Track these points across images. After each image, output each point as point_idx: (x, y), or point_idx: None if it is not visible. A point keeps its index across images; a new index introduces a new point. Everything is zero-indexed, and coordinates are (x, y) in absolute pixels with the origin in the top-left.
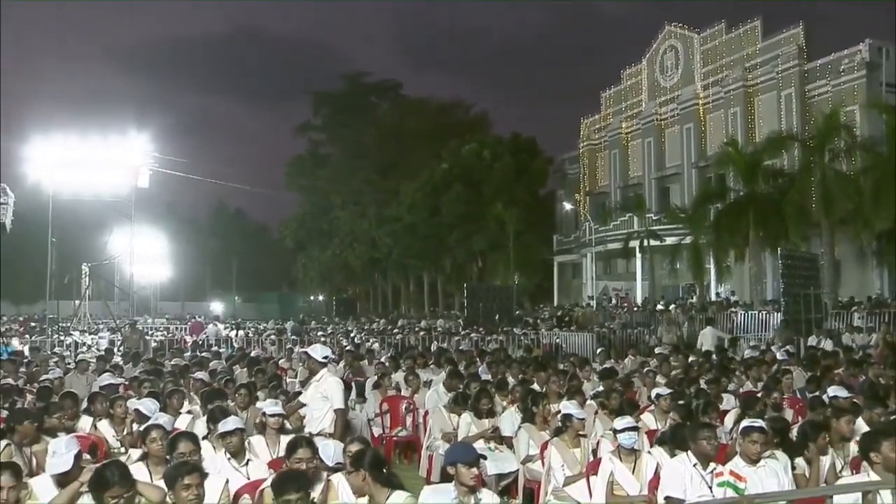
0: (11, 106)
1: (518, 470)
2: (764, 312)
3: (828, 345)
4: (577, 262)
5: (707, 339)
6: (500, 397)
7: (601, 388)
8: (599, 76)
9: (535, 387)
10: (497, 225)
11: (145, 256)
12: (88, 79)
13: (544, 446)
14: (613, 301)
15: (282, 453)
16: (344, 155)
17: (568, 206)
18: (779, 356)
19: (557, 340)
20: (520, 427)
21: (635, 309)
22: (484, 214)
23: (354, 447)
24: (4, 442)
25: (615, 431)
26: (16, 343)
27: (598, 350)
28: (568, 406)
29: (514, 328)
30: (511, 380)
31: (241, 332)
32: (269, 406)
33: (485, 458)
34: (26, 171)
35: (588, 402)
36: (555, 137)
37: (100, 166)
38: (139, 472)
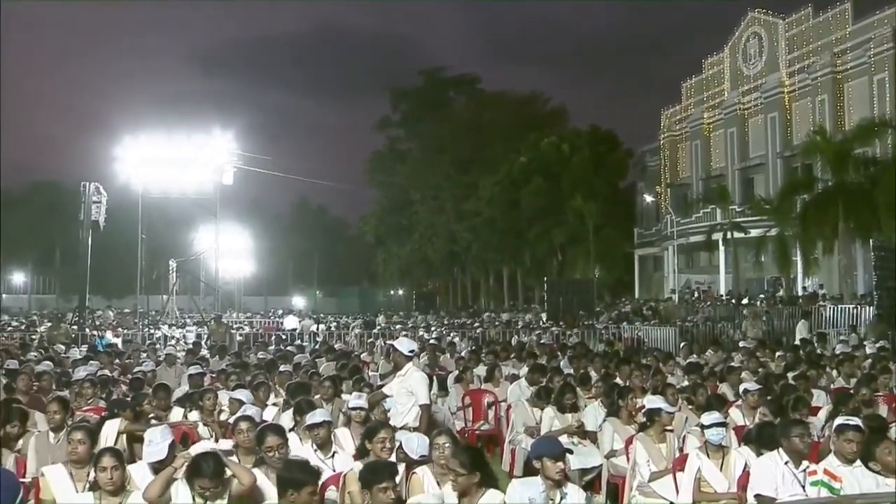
0: (102, 108)
1: (602, 465)
2: (854, 306)
3: None
4: (658, 256)
5: (802, 332)
6: (583, 392)
7: (686, 383)
8: (680, 66)
9: (618, 381)
10: (576, 218)
11: (230, 252)
12: (174, 80)
13: (629, 441)
14: (696, 294)
15: None
16: (422, 150)
17: (648, 198)
18: (870, 351)
19: (639, 335)
20: (604, 421)
21: (718, 303)
22: (563, 208)
23: (442, 440)
24: (118, 421)
25: (702, 427)
26: (109, 336)
27: (682, 344)
28: (655, 400)
29: (595, 322)
30: (593, 374)
31: (320, 326)
32: (354, 399)
33: (571, 452)
34: (117, 170)
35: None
36: (634, 129)
37: (186, 165)
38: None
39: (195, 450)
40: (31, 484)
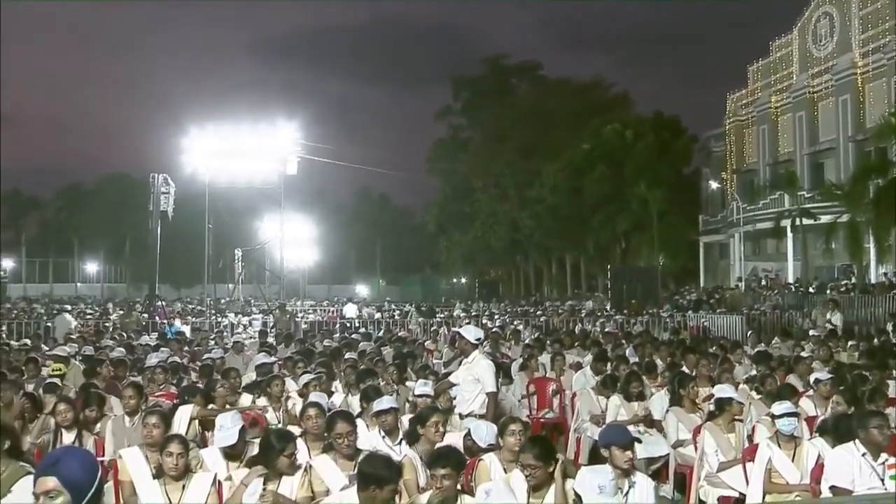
0: (170, 100)
1: (668, 454)
2: None
3: None
4: (724, 243)
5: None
6: (649, 380)
7: (754, 373)
8: (746, 49)
9: (685, 370)
10: (640, 205)
11: (294, 241)
12: (239, 71)
13: (697, 430)
14: (763, 282)
15: None
16: (484, 138)
17: (714, 184)
18: None
19: (705, 323)
20: (667, 411)
21: (786, 291)
22: (627, 195)
23: (515, 426)
24: (191, 407)
25: (773, 417)
26: (178, 324)
27: (749, 333)
28: (725, 389)
29: (660, 310)
30: (659, 362)
31: (377, 314)
32: (419, 386)
33: (639, 441)
34: (184, 161)
35: (741, 386)
36: (699, 115)
37: (251, 155)
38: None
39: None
40: (109, 465)
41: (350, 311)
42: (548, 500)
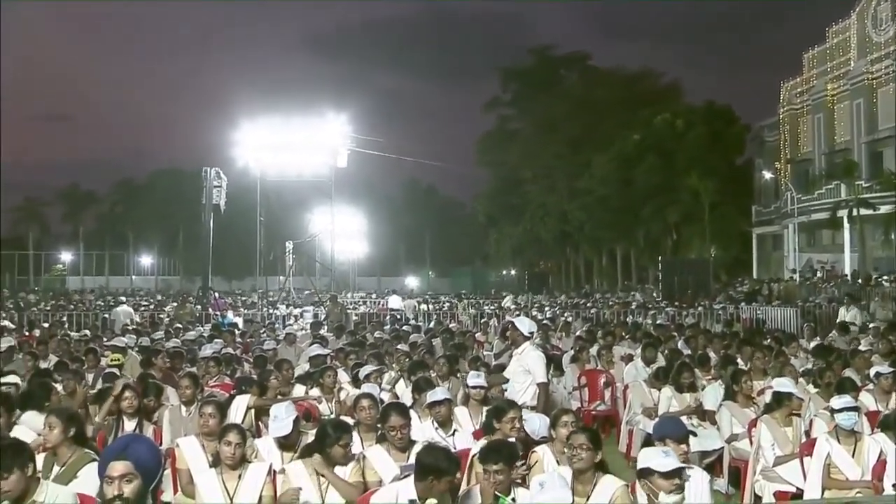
0: (221, 94)
1: (722, 448)
2: None
3: None
4: (777, 234)
5: None
6: (701, 373)
7: (810, 366)
8: (801, 36)
9: (739, 363)
10: (692, 196)
11: (344, 233)
12: (289, 65)
13: (752, 424)
14: (818, 274)
15: None
16: (533, 129)
17: (767, 174)
18: None
19: (759, 315)
20: (721, 404)
21: (843, 282)
22: (678, 186)
23: (568, 417)
24: (247, 397)
25: (832, 411)
26: (231, 315)
27: (804, 325)
28: (785, 383)
29: (712, 302)
30: (712, 355)
31: (422, 306)
32: (473, 378)
33: (694, 434)
34: (236, 155)
35: (798, 380)
36: (752, 103)
37: (302, 148)
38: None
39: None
40: (166, 453)
41: (394, 302)
42: (597, 491)
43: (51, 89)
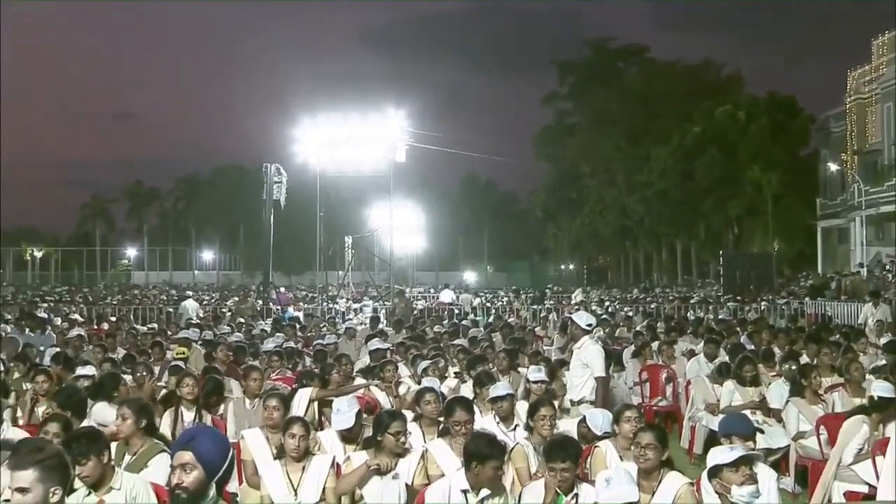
0: (282, 91)
1: (788, 446)
2: None
3: None
4: (843, 227)
5: None
6: (766, 368)
7: (881, 363)
8: (870, 22)
9: (804, 359)
10: (754, 189)
11: (402, 228)
12: (348, 60)
13: (819, 422)
14: (887, 268)
15: None
16: (592, 123)
17: (833, 166)
18: None
19: (826, 311)
20: (787, 401)
21: None
22: (740, 179)
23: (631, 413)
24: (309, 390)
25: None
26: (291, 310)
27: (874, 321)
28: (888, 388)
29: (776, 297)
30: (777, 350)
31: (476, 300)
32: (533, 372)
33: (761, 431)
34: (296, 151)
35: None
36: (817, 93)
37: (360, 143)
38: (412, 431)
39: None
40: (231, 445)
41: (446, 296)
42: (662, 488)
43: (116, 88)
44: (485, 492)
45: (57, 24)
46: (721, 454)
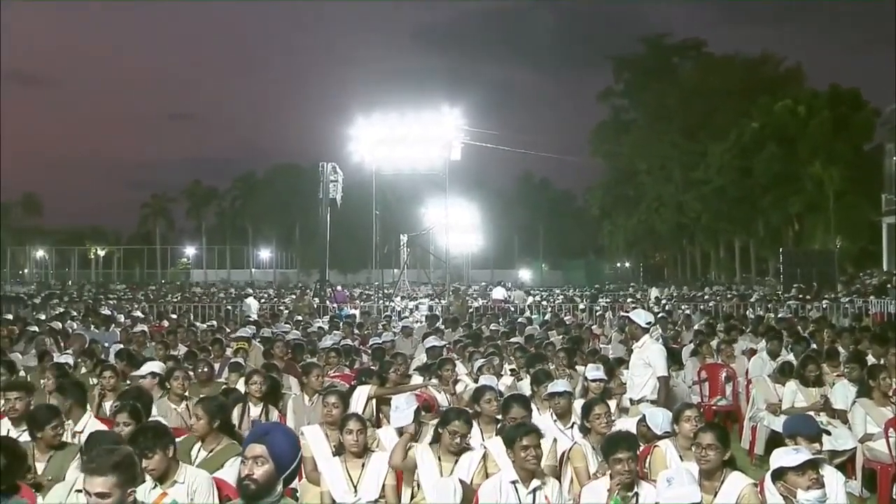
0: (338, 90)
1: (854, 448)
2: None
3: None
4: None
5: None
6: (829, 368)
7: None
8: None
9: (870, 359)
10: (815, 185)
11: (458, 226)
12: (403, 58)
13: (890, 423)
14: None
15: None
16: (647, 119)
17: None
18: None
19: (891, 310)
20: (854, 402)
21: None
22: (800, 174)
23: (692, 413)
24: (368, 387)
25: None
26: (347, 308)
27: None
28: None
29: (839, 295)
30: (841, 350)
31: (530, 298)
32: (592, 371)
33: (828, 433)
34: (352, 149)
35: None
36: (882, 86)
37: (416, 142)
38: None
39: None
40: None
41: (498, 294)
42: (724, 489)
43: (174, 89)
44: (535, 482)
45: (115, 25)
46: (786, 456)
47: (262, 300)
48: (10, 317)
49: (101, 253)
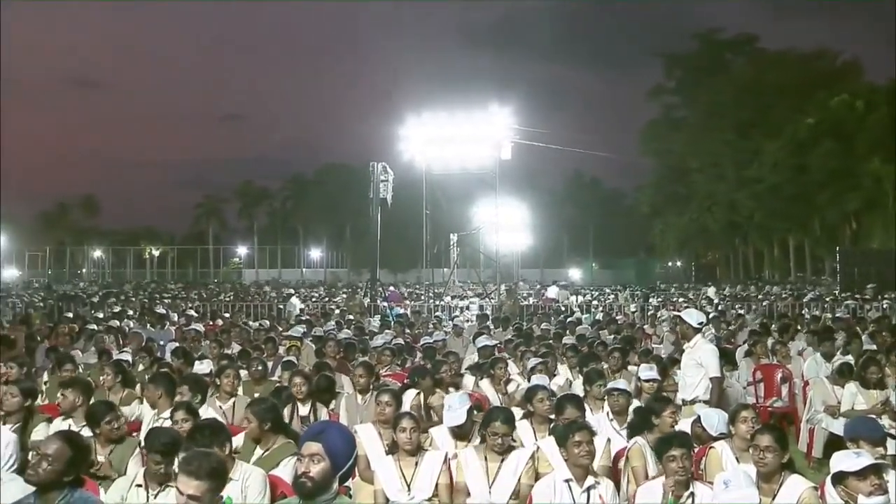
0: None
1: None
2: None
3: None
4: None
5: None
6: (891, 370)
7: None
8: None
9: None
10: (874, 182)
11: (508, 225)
12: (453, 58)
13: None
14: None
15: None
16: (699, 116)
17: None
18: None
19: None
20: None
21: None
22: (858, 171)
23: (748, 413)
24: (414, 392)
25: None
26: (398, 307)
27: None
28: None
29: None
30: None
31: (580, 298)
32: (645, 371)
33: (893, 437)
34: (402, 149)
35: None
36: None
37: (466, 141)
38: (523, 429)
39: None
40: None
41: (552, 293)
42: (783, 492)
43: (226, 90)
44: (589, 481)
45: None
46: (847, 460)
47: (313, 299)
48: (70, 315)
49: (156, 253)
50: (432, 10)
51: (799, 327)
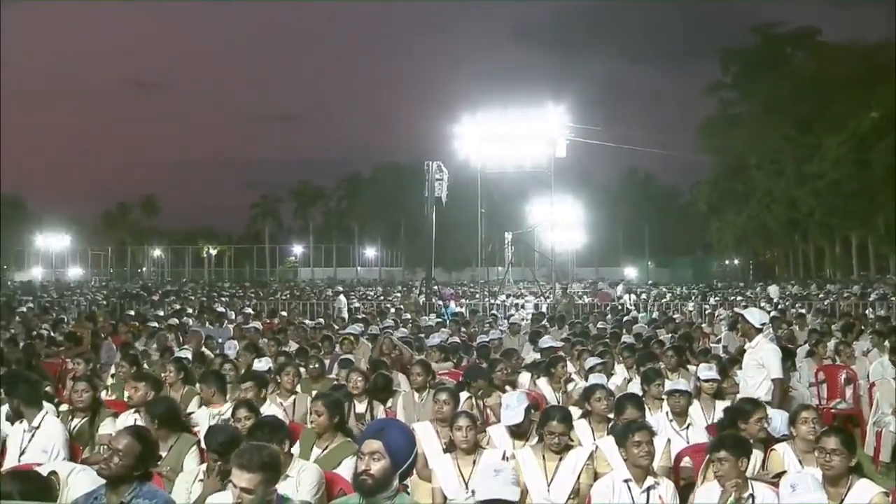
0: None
1: None
2: None
3: None
4: None
5: None
6: None
7: None
8: None
9: None
10: None
11: (563, 223)
12: (507, 55)
13: None
14: None
15: (717, 418)
16: (758, 112)
17: None
18: None
19: None
20: None
21: None
22: None
23: (809, 414)
24: (466, 394)
25: None
26: (453, 305)
27: None
28: None
29: None
30: None
31: (634, 297)
32: (704, 370)
33: None
34: (456, 147)
35: None
36: None
37: (521, 139)
38: (582, 428)
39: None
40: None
41: (621, 291)
42: (851, 496)
43: (283, 91)
44: (649, 481)
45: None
46: None
47: (369, 298)
48: (132, 313)
49: (213, 252)
50: (487, 8)
51: (863, 327)
